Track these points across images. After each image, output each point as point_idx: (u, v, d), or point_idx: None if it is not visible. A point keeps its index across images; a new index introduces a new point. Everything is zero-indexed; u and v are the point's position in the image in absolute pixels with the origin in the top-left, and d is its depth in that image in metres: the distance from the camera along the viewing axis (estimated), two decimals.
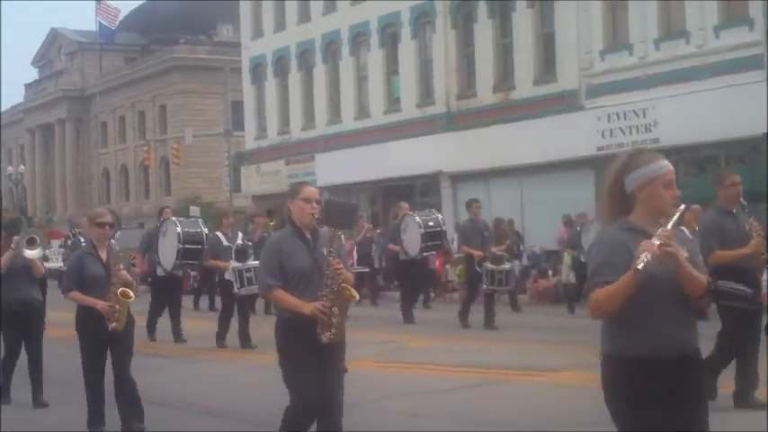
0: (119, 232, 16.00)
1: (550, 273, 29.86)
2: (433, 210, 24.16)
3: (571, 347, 16.91)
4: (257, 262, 17.68)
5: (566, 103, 34.74)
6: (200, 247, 19.23)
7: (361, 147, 42.35)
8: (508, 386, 13.53)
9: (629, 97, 32.48)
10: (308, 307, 7.67)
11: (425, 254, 23.93)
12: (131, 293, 10.11)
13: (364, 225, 32.00)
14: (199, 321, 22.34)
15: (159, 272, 20.09)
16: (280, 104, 49.51)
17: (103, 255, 10.32)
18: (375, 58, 43.60)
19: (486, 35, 38.15)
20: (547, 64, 36.14)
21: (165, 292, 20.35)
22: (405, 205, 24.43)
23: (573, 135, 33.34)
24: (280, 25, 49.07)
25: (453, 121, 39.47)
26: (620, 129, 32.54)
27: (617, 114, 32.66)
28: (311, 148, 46.46)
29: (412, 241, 22.76)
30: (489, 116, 37.39)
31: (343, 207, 8.77)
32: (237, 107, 54.49)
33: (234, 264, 18.52)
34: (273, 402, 8.68)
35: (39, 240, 11.96)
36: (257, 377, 14.06)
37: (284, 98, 49.11)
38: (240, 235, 19.50)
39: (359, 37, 44.38)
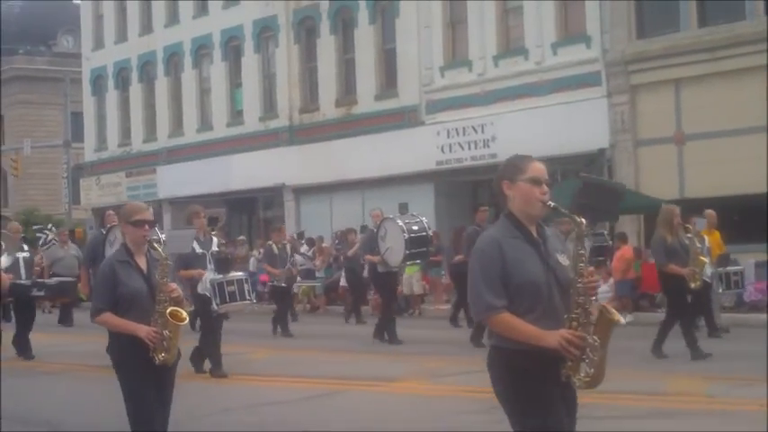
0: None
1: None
2: (415, 213, 21.71)
3: (411, 357, 17.29)
4: (242, 273, 16.73)
5: (406, 118, 35.25)
6: None
7: (204, 159, 42.21)
8: (349, 396, 13.76)
9: (468, 113, 33.11)
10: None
11: (409, 262, 22.02)
12: (185, 314, 7.74)
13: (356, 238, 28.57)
14: None
15: None
16: (121, 116, 48.95)
17: (142, 263, 7.82)
18: (218, 70, 43.50)
19: (329, 50, 38.46)
20: (388, 79, 36.60)
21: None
22: (377, 212, 22.55)
23: (413, 149, 33.86)
24: (121, 37, 48.56)
25: (296, 135, 39.64)
26: (458, 144, 33.16)
27: (456, 130, 33.27)
28: (152, 161, 46.10)
29: (394, 249, 20.25)
30: (332, 130, 37.71)
31: (606, 189, 6.86)
32: (77, 118, 53.67)
33: (211, 275, 15.86)
34: None
35: (2, 246, 10.09)
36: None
37: (125, 110, 48.58)
38: (215, 241, 16.52)
39: (201, 50, 44.22)
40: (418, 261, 22.93)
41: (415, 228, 20.12)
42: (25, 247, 20.07)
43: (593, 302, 5.58)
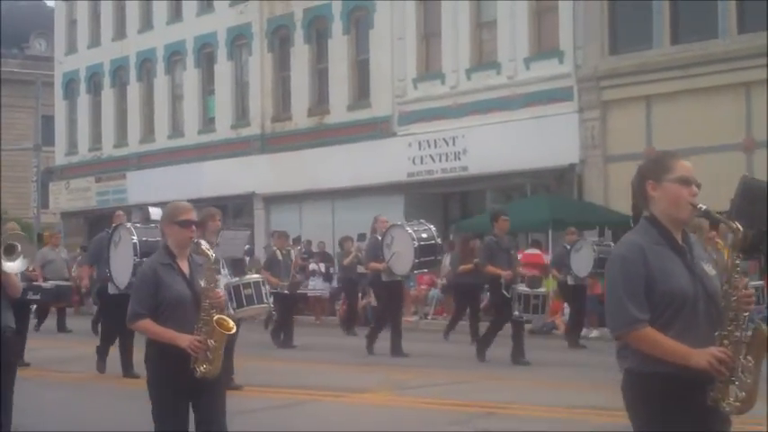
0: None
1: (360, 295, 30.20)
2: (422, 220, 20.79)
3: (380, 368, 17.31)
4: (258, 276, 16.10)
5: (379, 129, 35.30)
6: None
7: (175, 166, 42.12)
8: (317, 406, 13.75)
9: (440, 125, 33.20)
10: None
11: (416, 272, 21.13)
12: (232, 323, 7.25)
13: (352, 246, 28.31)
14: None
15: (111, 290, 15.57)
16: (92, 121, 48.78)
17: (185, 267, 7.33)
18: (190, 77, 43.44)
19: (303, 59, 38.47)
20: (361, 90, 36.65)
21: (118, 316, 14.64)
22: (382, 218, 20.88)
23: (385, 161, 33.91)
24: (95, 41, 48.42)
25: (268, 143, 39.63)
26: (430, 156, 33.21)
27: (428, 142, 33.33)
28: (123, 166, 45.97)
29: (402, 257, 19.33)
30: (303, 139, 37.71)
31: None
32: (48, 122, 53.43)
33: (225, 279, 14.15)
34: None
35: (19, 248, 8.48)
36: None
37: (97, 115, 48.42)
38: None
39: (174, 56, 44.15)
40: (425, 270, 22.16)
41: (425, 236, 19.37)
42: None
43: (746, 318, 5.01)
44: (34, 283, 19.99)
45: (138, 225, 15.76)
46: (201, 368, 6.90)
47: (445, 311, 28.44)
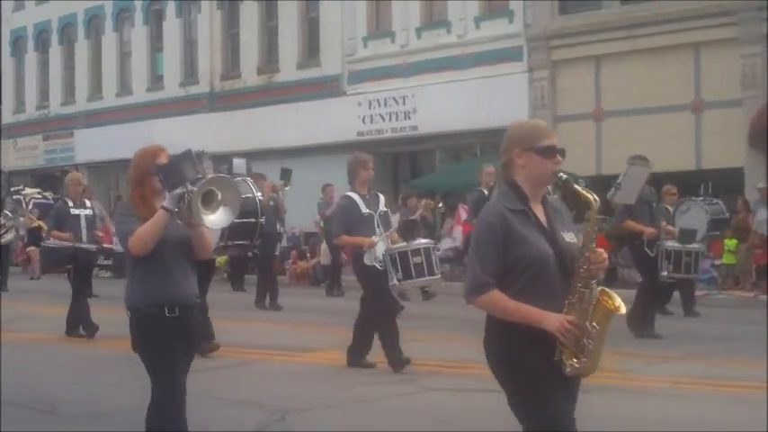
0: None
1: (308, 255, 30.23)
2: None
3: (328, 328, 17.30)
4: (428, 241, 13.41)
5: (328, 87, 35.17)
6: (253, 220, 12.32)
7: (123, 124, 41.71)
8: (262, 365, 13.75)
9: (389, 84, 33.14)
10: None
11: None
12: (618, 300, 5.16)
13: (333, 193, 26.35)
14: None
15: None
16: (39, 78, 48.32)
17: (541, 214, 5.34)
18: (139, 34, 43.04)
19: (252, 17, 38.21)
20: (311, 48, 36.48)
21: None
22: (489, 168, 17.94)
23: (334, 120, 33.79)
24: None
25: (217, 102, 39.40)
26: (380, 115, 33.16)
27: (377, 101, 33.27)
28: (71, 124, 45.59)
29: None
30: (253, 98, 37.53)
31: None
32: None
33: (381, 242, 12.77)
34: None
35: (219, 196, 6.56)
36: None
37: (44, 72, 47.96)
38: (382, 199, 13.40)
39: (123, 13, 43.71)
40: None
41: None
42: (88, 203, 17.05)
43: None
44: (104, 246, 18.07)
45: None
46: (572, 361, 5.11)
47: None
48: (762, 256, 23.56)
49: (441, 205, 27.78)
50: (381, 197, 13.35)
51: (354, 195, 12.95)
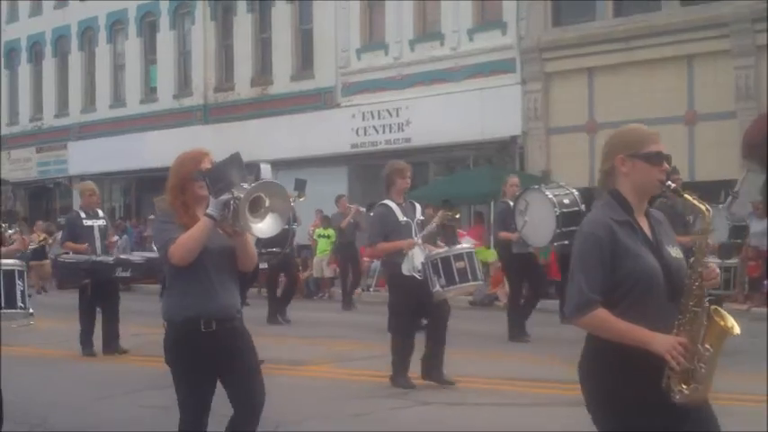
0: None
1: (300, 268, 30.15)
2: (563, 183, 17.90)
3: (321, 341, 17.27)
4: (469, 246, 13.35)
5: (322, 99, 35.19)
6: (286, 227, 11.96)
7: (117, 136, 41.75)
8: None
9: (383, 96, 33.14)
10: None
11: (556, 243, 16.85)
12: (732, 321, 4.74)
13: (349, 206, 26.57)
14: None
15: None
16: (33, 90, 48.30)
17: (645, 226, 5.01)
18: (132, 46, 43.05)
19: (246, 29, 38.22)
20: (305, 60, 36.48)
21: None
22: (514, 179, 18.12)
23: (328, 132, 33.78)
24: (36, 10, 47.83)
25: (210, 114, 39.39)
26: (373, 127, 33.16)
27: (371, 113, 33.26)
28: (64, 136, 45.55)
29: (538, 226, 16.37)
30: (246, 110, 37.53)
31: None
32: None
33: (420, 250, 12.49)
34: None
35: (267, 202, 6.23)
36: None
37: (38, 84, 47.94)
38: (418, 207, 13.14)
39: (116, 25, 43.72)
40: (566, 242, 15.98)
41: (566, 201, 16.27)
42: (100, 213, 16.49)
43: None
44: (121, 257, 17.28)
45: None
46: (681, 387, 4.68)
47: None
48: (755, 267, 23.55)
49: (458, 216, 27.74)
50: (418, 206, 13.05)
51: (391, 203, 12.67)
